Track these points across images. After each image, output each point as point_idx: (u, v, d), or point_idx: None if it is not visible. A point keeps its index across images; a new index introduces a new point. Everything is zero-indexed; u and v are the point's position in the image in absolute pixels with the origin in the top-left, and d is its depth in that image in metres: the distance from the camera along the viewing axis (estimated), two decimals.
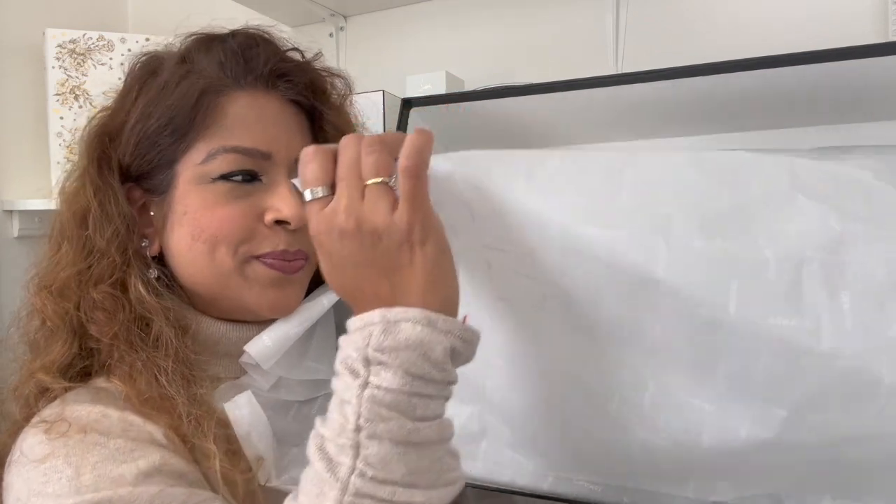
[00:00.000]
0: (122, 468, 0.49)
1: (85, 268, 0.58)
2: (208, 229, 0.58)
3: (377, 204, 0.44)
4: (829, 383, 0.45)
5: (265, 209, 0.59)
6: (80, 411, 0.53)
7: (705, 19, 1.01)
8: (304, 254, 0.61)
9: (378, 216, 0.44)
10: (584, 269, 0.49)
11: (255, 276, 0.59)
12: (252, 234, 0.58)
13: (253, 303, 0.60)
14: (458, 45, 1.19)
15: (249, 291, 0.59)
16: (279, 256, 0.59)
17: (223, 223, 0.58)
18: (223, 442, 0.54)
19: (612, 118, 0.75)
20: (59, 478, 0.49)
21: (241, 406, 0.56)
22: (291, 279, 0.61)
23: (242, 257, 0.59)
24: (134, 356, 0.56)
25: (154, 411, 0.54)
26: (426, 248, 0.44)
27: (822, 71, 0.59)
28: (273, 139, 0.59)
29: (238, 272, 0.59)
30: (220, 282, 0.59)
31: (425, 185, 0.45)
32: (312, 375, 0.63)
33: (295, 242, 0.60)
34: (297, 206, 0.58)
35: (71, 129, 1.27)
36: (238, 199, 0.58)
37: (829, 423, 0.46)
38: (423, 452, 0.43)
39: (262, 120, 0.60)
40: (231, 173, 0.58)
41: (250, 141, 0.58)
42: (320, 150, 0.47)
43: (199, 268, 0.59)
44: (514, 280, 0.52)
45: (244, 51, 0.61)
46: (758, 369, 0.47)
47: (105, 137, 0.61)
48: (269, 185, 0.59)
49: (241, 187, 0.58)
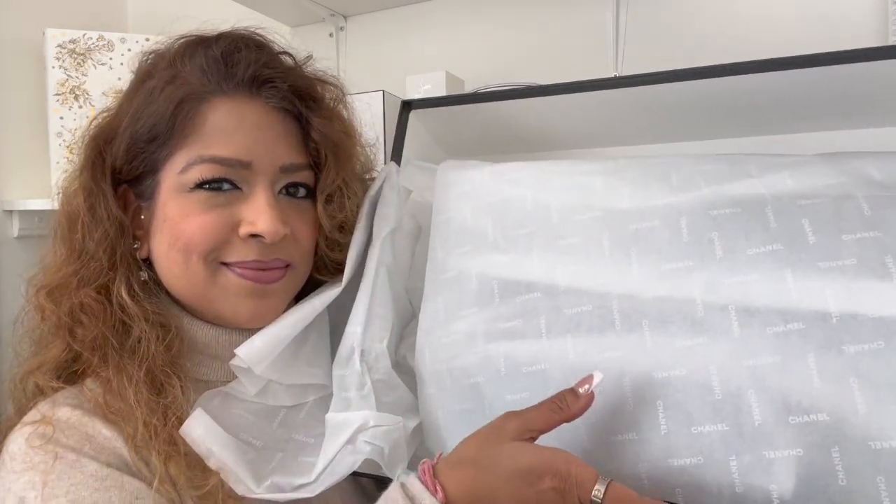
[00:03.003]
0: (96, 497, 0.50)
1: (76, 269, 0.58)
2: (182, 238, 0.57)
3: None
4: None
5: (240, 221, 0.58)
6: (63, 415, 0.54)
7: (705, 20, 1.00)
8: (284, 262, 0.60)
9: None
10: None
11: (228, 286, 0.58)
12: (223, 244, 0.58)
13: (229, 313, 0.60)
14: (458, 45, 1.18)
15: (225, 301, 0.59)
16: (250, 266, 0.58)
17: (195, 233, 0.57)
18: (180, 457, 0.53)
19: (614, 120, 0.74)
20: (35, 497, 0.50)
21: (195, 427, 0.54)
22: (268, 289, 0.60)
23: (213, 265, 0.58)
24: (110, 362, 0.56)
25: (119, 419, 0.54)
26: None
27: (823, 74, 0.59)
28: (253, 147, 0.58)
29: (211, 281, 0.58)
30: (197, 291, 0.59)
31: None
32: (307, 379, 0.62)
33: (271, 252, 0.59)
34: (272, 219, 0.57)
35: (71, 129, 1.27)
36: (214, 209, 0.57)
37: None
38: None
39: (242, 128, 0.58)
40: (207, 181, 0.57)
41: (229, 150, 0.57)
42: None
43: (176, 276, 0.59)
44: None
45: (226, 56, 0.59)
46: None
47: (100, 140, 0.60)
48: (249, 196, 0.58)
49: (219, 196, 0.57)
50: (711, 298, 0.49)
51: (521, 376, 0.53)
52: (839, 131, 0.70)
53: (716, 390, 0.46)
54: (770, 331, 0.46)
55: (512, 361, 0.54)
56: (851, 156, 0.54)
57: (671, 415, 0.47)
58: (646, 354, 0.49)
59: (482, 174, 0.65)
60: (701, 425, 0.46)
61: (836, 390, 0.43)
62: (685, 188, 0.55)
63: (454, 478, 0.45)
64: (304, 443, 0.59)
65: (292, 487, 0.53)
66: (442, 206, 0.66)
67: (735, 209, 0.52)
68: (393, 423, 0.56)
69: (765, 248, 0.49)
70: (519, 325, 0.55)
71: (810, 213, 0.49)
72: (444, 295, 0.60)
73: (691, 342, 0.48)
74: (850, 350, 0.44)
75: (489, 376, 0.55)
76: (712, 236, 0.51)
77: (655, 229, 0.53)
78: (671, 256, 0.51)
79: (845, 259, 0.46)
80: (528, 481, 0.43)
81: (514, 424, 0.47)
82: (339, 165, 0.64)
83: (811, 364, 0.44)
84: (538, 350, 0.53)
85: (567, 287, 0.54)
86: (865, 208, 0.48)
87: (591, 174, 0.60)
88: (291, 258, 0.61)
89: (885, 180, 0.51)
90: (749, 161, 0.56)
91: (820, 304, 0.46)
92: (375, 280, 0.62)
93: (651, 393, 0.48)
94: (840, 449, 0.43)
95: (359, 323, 0.60)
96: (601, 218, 0.56)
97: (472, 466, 0.45)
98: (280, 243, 0.59)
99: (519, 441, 0.46)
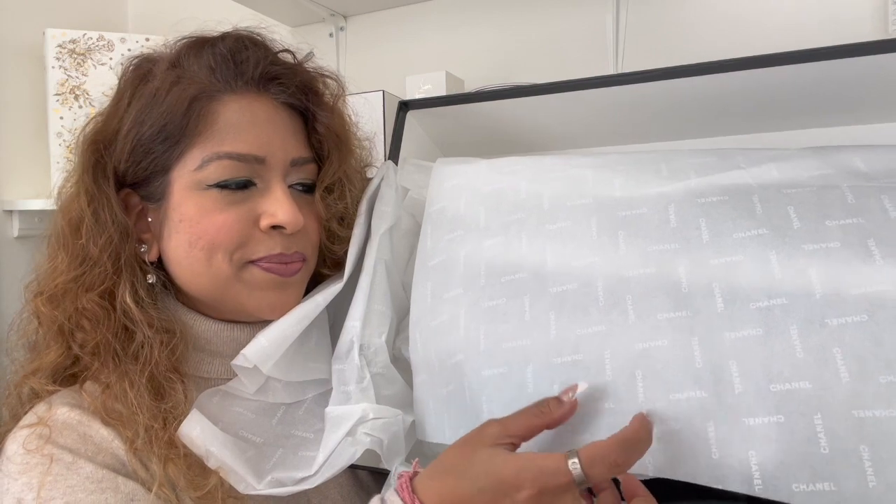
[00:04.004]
0: (91, 499, 0.50)
1: (78, 275, 0.58)
2: (205, 236, 0.58)
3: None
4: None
5: (260, 214, 0.59)
6: (60, 415, 0.54)
7: (705, 19, 1.01)
8: (302, 255, 0.62)
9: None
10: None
11: (252, 281, 0.59)
12: (248, 240, 0.58)
13: (253, 306, 0.60)
14: (458, 45, 1.18)
15: (249, 296, 0.60)
16: (275, 260, 0.59)
17: (220, 230, 0.57)
18: (180, 459, 0.53)
19: (612, 119, 0.74)
20: (32, 499, 0.50)
21: (192, 427, 0.55)
22: (289, 281, 0.61)
23: (239, 263, 0.59)
24: (112, 367, 0.56)
25: (118, 423, 0.54)
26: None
27: (823, 70, 0.59)
28: (266, 143, 0.59)
29: (236, 278, 0.59)
30: (219, 288, 0.59)
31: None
32: (310, 375, 0.62)
33: (292, 245, 0.60)
34: (292, 210, 0.58)
35: (71, 129, 1.27)
36: (233, 205, 0.58)
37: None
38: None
39: (254, 124, 0.59)
40: (226, 182, 0.58)
41: (244, 146, 0.58)
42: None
43: (196, 274, 0.59)
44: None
45: (234, 54, 0.60)
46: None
47: (99, 144, 0.60)
48: (264, 190, 0.59)
49: (236, 193, 0.58)
50: (696, 277, 0.49)
51: (500, 352, 0.53)
52: (840, 127, 0.70)
53: (696, 360, 0.46)
54: (753, 306, 0.46)
55: (492, 338, 0.54)
56: (838, 149, 0.54)
57: (649, 384, 0.47)
58: (628, 327, 0.49)
59: (478, 167, 0.66)
60: (679, 392, 0.46)
61: (819, 360, 0.44)
62: (675, 178, 0.56)
63: (433, 488, 0.45)
64: (303, 438, 0.59)
65: (293, 481, 0.54)
66: (436, 197, 0.66)
67: (722, 197, 0.52)
68: (392, 416, 0.56)
69: (750, 233, 0.49)
70: (502, 304, 0.55)
71: (795, 200, 0.50)
72: (432, 280, 0.61)
73: (674, 314, 0.48)
74: (833, 323, 0.44)
75: (469, 353, 0.55)
76: (699, 222, 0.51)
77: (644, 215, 0.54)
78: (658, 239, 0.52)
79: (829, 242, 0.47)
80: (502, 492, 0.43)
81: (493, 430, 0.46)
82: (341, 158, 0.65)
83: (794, 336, 0.45)
84: (519, 326, 0.53)
85: (553, 268, 0.54)
86: (849, 197, 0.49)
87: (584, 167, 0.61)
88: (306, 251, 0.62)
89: (869, 171, 0.51)
90: (738, 154, 0.57)
91: (804, 282, 0.46)
92: (374, 276, 0.63)
93: (630, 363, 0.48)
94: (822, 416, 0.43)
95: (358, 318, 0.60)
96: (591, 205, 0.56)
97: (451, 475, 0.45)
98: (297, 235, 0.60)
99: (494, 447, 0.45)
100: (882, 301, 0.44)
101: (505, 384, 0.52)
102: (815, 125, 0.70)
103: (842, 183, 0.50)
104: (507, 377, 0.52)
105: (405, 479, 0.46)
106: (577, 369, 0.49)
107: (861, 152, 0.53)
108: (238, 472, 0.53)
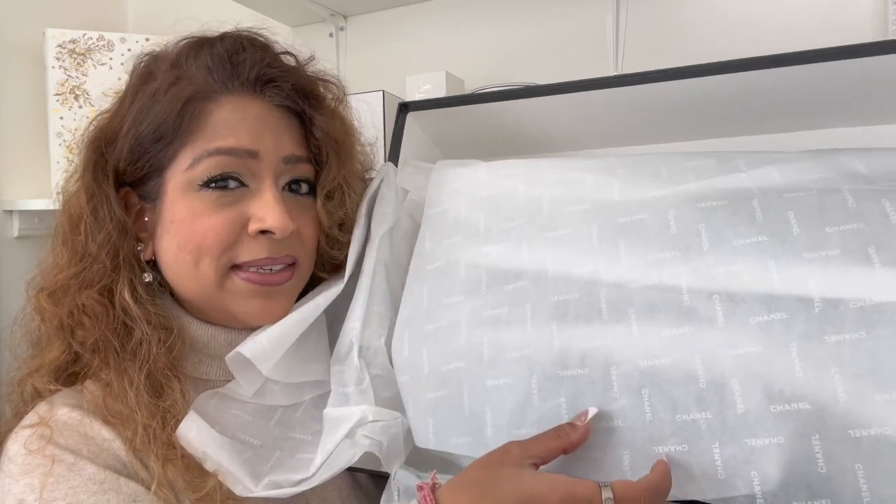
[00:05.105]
0: (94, 500, 0.50)
1: (78, 271, 0.58)
2: (193, 239, 0.57)
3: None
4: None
5: (249, 218, 0.58)
6: (61, 415, 0.54)
7: (705, 19, 1.00)
8: (293, 258, 0.61)
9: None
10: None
11: (235, 290, 0.59)
12: (235, 244, 0.58)
13: (239, 312, 0.60)
14: (458, 45, 1.18)
15: (233, 302, 0.60)
16: (262, 264, 0.59)
17: (207, 234, 0.57)
18: (178, 460, 0.53)
19: (613, 121, 0.74)
20: (34, 500, 0.50)
21: (189, 429, 0.55)
22: (275, 290, 0.60)
23: (224, 268, 0.58)
24: (111, 364, 0.56)
25: (119, 422, 0.54)
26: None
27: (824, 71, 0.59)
28: (258, 137, 0.59)
29: (219, 286, 0.59)
30: (206, 293, 0.59)
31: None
32: (308, 377, 0.62)
33: (281, 249, 0.60)
34: (281, 215, 0.57)
35: (71, 129, 1.27)
36: (223, 208, 0.58)
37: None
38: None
39: (246, 120, 0.59)
40: (216, 178, 0.57)
41: (234, 140, 0.58)
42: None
43: (185, 278, 0.59)
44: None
45: (231, 55, 0.60)
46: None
47: (101, 142, 0.60)
48: (255, 192, 0.59)
49: (228, 195, 0.58)
50: (697, 288, 0.49)
51: (503, 362, 0.53)
52: (841, 129, 0.69)
53: (700, 379, 0.47)
54: (754, 321, 0.47)
55: (496, 347, 0.54)
56: (839, 152, 0.54)
57: (656, 403, 0.48)
58: (632, 342, 0.49)
59: (477, 171, 0.66)
60: (686, 413, 0.47)
61: (818, 379, 0.44)
62: (674, 182, 0.56)
63: (460, 500, 0.45)
64: (301, 440, 0.59)
65: (291, 483, 0.53)
66: (435, 200, 0.66)
67: (722, 202, 0.52)
68: (391, 418, 0.56)
69: (750, 240, 0.49)
70: (504, 313, 0.55)
71: (796, 205, 0.50)
72: (430, 284, 0.61)
73: (677, 331, 0.48)
74: (831, 339, 0.44)
75: (471, 362, 0.55)
76: (699, 228, 0.51)
77: (644, 221, 0.54)
78: (659, 247, 0.52)
79: (829, 250, 0.47)
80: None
81: (516, 450, 0.47)
82: (340, 163, 0.64)
83: (793, 353, 0.45)
84: (522, 336, 0.53)
85: (555, 276, 0.54)
86: (850, 201, 0.49)
87: (582, 170, 0.60)
88: (298, 255, 0.62)
89: (870, 174, 0.51)
90: (738, 157, 0.56)
91: (803, 293, 0.46)
92: (374, 277, 0.63)
93: (637, 381, 0.48)
94: (820, 437, 0.43)
95: (357, 319, 0.60)
96: (590, 210, 0.56)
97: (478, 487, 0.45)
98: (288, 239, 0.60)
99: (520, 466, 0.46)
100: (880, 316, 0.44)
101: (510, 395, 0.52)
102: (816, 127, 0.70)
103: (842, 186, 0.50)
104: (512, 388, 0.52)
105: (427, 491, 0.46)
106: (584, 383, 0.50)
107: (861, 155, 0.53)
108: (235, 475, 0.53)
